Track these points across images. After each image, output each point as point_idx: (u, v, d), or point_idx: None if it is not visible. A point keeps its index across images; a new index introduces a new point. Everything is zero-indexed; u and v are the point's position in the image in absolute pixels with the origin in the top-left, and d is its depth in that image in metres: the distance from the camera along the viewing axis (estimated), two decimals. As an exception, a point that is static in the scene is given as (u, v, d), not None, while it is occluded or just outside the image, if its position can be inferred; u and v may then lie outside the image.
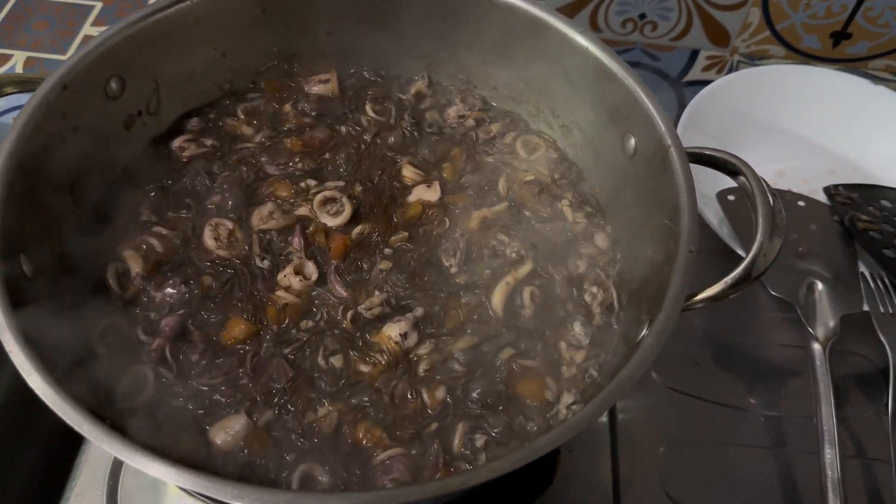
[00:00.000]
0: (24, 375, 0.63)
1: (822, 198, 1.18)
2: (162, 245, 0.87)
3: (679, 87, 1.51)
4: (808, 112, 1.29)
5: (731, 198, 1.11)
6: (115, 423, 0.67)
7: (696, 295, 0.75)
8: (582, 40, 0.90)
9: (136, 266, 0.85)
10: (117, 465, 0.92)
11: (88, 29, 1.37)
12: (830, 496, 0.86)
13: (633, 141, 0.89)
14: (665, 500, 0.94)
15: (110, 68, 0.88)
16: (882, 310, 1.01)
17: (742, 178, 0.81)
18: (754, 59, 1.44)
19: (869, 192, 1.15)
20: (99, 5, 1.41)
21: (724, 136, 1.19)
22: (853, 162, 1.26)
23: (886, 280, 1.04)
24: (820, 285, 1.03)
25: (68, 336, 0.78)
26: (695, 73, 1.49)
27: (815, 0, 1.33)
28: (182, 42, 0.95)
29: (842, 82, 1.29)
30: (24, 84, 0.84)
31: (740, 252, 1.07)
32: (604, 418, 1.01)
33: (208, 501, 0.88)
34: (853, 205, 1.13)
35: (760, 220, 0.77)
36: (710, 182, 1.15)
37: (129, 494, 0.91)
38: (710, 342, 1.10)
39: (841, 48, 1.41)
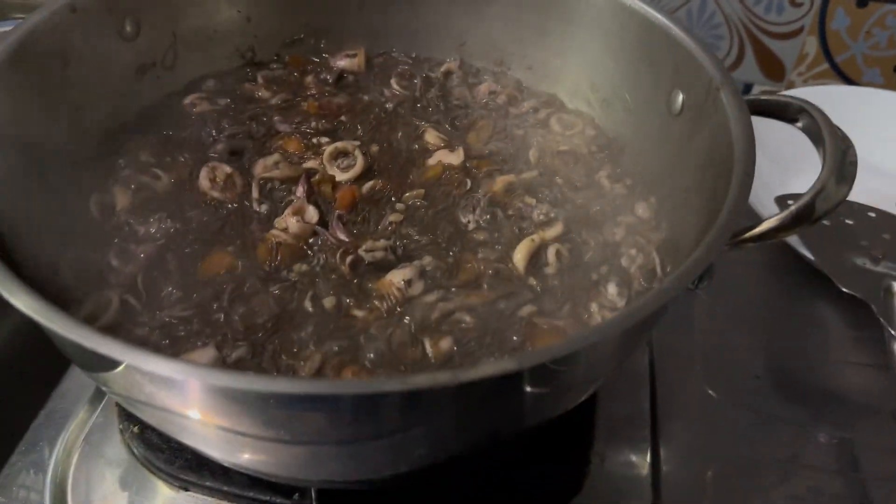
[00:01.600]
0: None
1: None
2: (155, 185, 0.80)
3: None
4: (873, 136, 1.18)
5: (791, 203, 0.99)
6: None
7: (752, 228, 0.63)
8: (623, -4, 0.84)
9: (122, 200, 0.78)
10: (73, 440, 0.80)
11: None
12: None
13: (680, 98, 0.80)
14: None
15: (127, 6, 0.85)
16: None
17: (806, 122, 0.70)
18: (812, 92, 1.36)
19: (947, 209, 1.03)
20: None
21: (783, 157, 1.09)
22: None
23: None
24: (900, 287, 0.89)
25: (39, 262, 0.70)
26: (748, 111, 1.41)
27: (877, 28, 1.26)
28: (205, -3, 0.91)
29: (901, 101, 1.20)
30: (30, 10, 0.80)
31: (807, 255, 0.95)
32: (646, 440, 0.86)
33: (167, 477, 0.75)
34: (929, 218, 1.00)
35: (828, 156, 0.66)
36: (767, 191, 1.04)
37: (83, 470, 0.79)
38: (771, 359, 0.95)
39: (906, 81, 1.32)
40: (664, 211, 0.81)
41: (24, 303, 0.51)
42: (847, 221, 0.99)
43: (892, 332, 0.82)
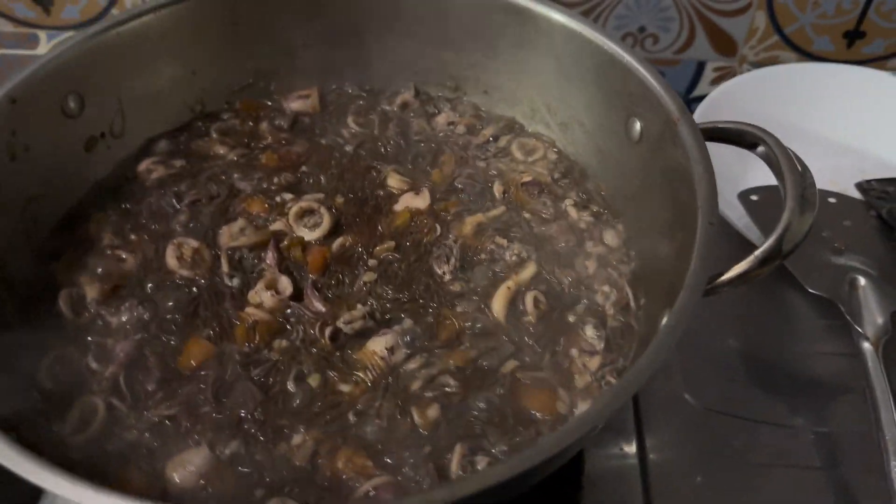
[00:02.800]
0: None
1: (854, 195, 1.08)
2: (121, 268, 0.79)
3: (688, 104, 1.43)
4: (829, 111, 1.20)
5: (753, 198, 1.01)
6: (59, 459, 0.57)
7: (721, 275, 0.65)
8: (570, 23, 0.84)
9: (91, 291, 0.77)
10: None
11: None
12: (903, 515, 0.72)
13: (637, 125, 0.80)
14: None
15: (67, 84, 0.82)
16: (938, 305, 0.89)
17: (763, 149, 0.71)
18: (764, 67, 1.36)
19: (906, 185, 1.05)
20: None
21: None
22: (882, 159, 1.16)
23: (938, 273, 0.92)
24: (863, 281, 0.91)
25: (14, 371, 0.69)
26: (703, 88, 1.41)
27: (824, -2, 1.26)
28: (147, 58, 0.89)
29: (861, 79, 1.21)
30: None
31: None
32: (632, 451, 0.88)
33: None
34: (890, 198, 1.02)
35: (789, 190, 0.67)
36: (729, 185, 1.06)
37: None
38: (747, 358, 0.97)
39: (856, 49, 1.33)
40: (634, 236, 0.83)
41: None
42: (809, 212, 1.01)
43: (859, 330, 0.85)
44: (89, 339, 0.73)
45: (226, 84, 0.97)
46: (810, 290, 0.91)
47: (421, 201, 0.86)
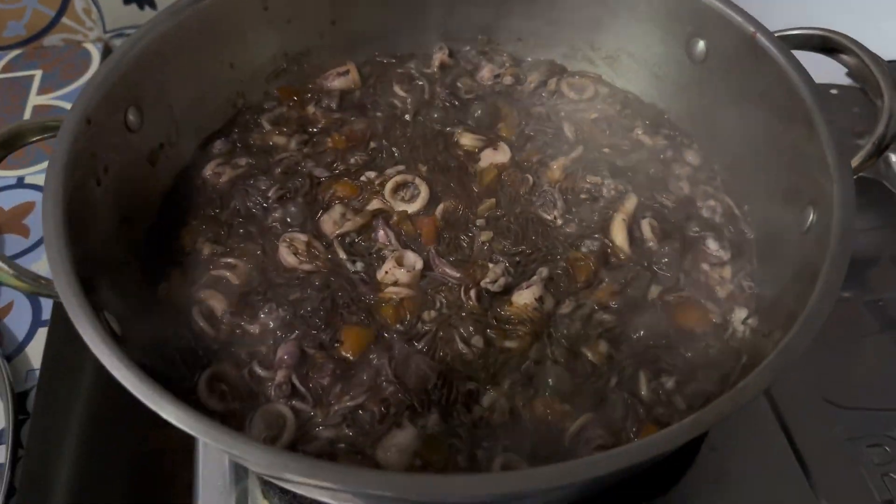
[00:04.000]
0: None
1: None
2: (236, 276, 0.76)
3: None
4: None
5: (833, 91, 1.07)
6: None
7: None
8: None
9: (219, 304, 0.74)
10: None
11: (36, 99, 1.23)
12: None
13: (701, 44, 0.84)
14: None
15: (126, 96, 0.77)
16: None
17: (847, 57, 0.76)
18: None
19: None
20: (38, 73, 1.27)
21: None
22: None
23: None
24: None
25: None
26: None
27: None
28: (189, 58, 0.84)
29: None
30: (44, 130, 0.71)
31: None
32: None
33: None
34: None
35: (882, 83, 0.72)
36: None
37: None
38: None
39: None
40: (713, 153, 0.87)
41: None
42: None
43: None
44: (238, 350, 0.71)
45: (261, 71, 0.94)
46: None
47: (502, 155, 0.87)
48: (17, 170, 1.08)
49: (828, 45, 0.76)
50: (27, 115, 1.21)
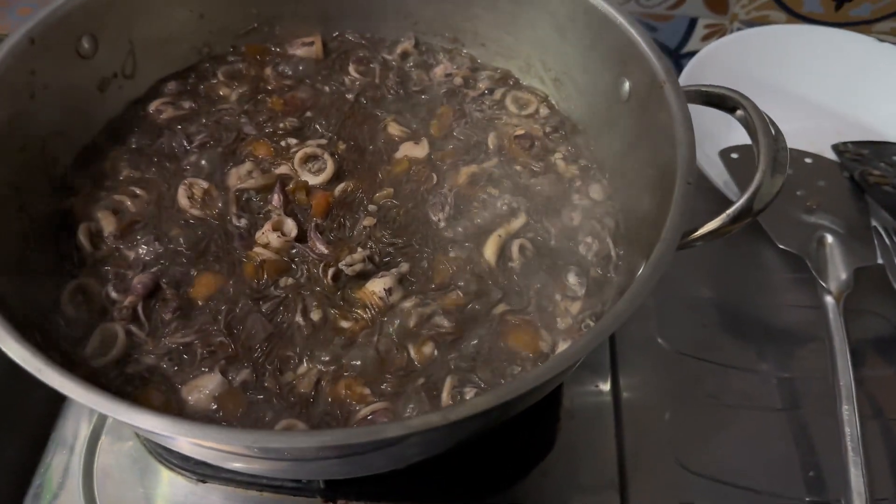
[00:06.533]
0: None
1: (831, 156, 1.13)
2: (135, 205, 0.84)
3: (678, 59, 1.47)
4: (812, 73, 1.24)
5: (734, 156, 1.06)
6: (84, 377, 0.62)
7: (695, 230, 0.70)
8: (568, -18, 0.87)
9: (108, 225, 0.81)
10: (93, 441, 0.88)
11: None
12: (850, 453, 0.80)
13: (627, 85, 0.84)
14: (675, 467, 0.89)
15: (82, 25, 0.85)
16: (898, 263, 0.96)
17: (741, 113, 0.76)
18: (755, 25, 1.40)
19: (880, 149, 1.10)
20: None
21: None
22: (860, 122, 1.21)
23: (902, 234, 0.99)
24: (830, 238, 0.97)
25: (38, 299, 0.75)
26: (693, 44, 1.45)
27: (815, -41, 1.29)
28: (158, 2, 0.91)
29: (845, 42, 1.25)
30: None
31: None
32: (606, 389, 0.96)
33: (183, 471, 0.83)
34: (863, 160, 1.08)
35: (762, 154, 0.72)
36: (712, 142, 1.11)
37: (108, 474, 0.86)
38: (719, 305, 1.05)
39: (844, 11, 1.36)
40: (618, 191, 0.88)
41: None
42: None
43: (823, 285, 0.92)
44: (108, 270, 0.79)
45: (232, 28, 1.00)
46: (780, 246, 0.97)
47: (420, 150, 0.91)
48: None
49: (726, 102, 0.76)
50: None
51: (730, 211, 0.70)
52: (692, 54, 1.43)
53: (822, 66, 1.24)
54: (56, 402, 0.91)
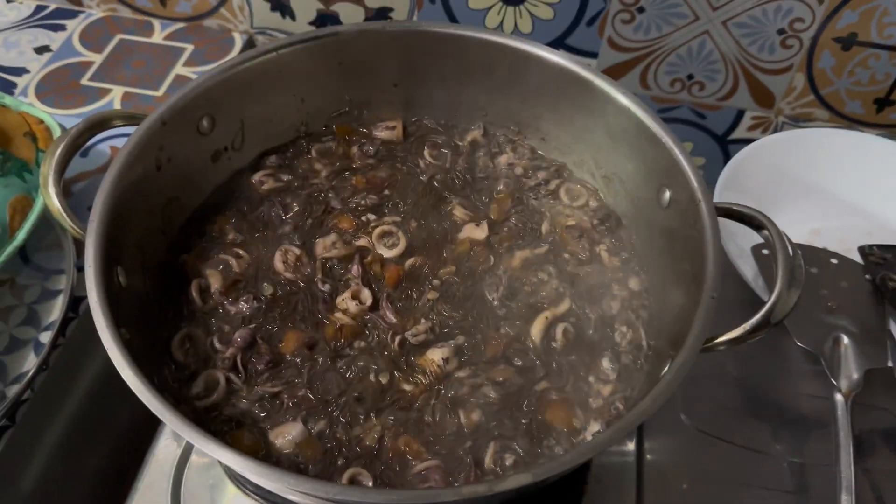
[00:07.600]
0: (119, 370, 0.73)
1: (857, 257, 1.23)
2: (238, 265, 0.98)
3: (725, 145, 1.58)
4: (848, 174, 1.34)
5: (765, 251, 1.17)
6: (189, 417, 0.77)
7: (717, 337, 0.81)
8: (624, 100, 0.99)
9: (216, 282, 0.96)
10: (182, 463, 1.02)
11: (180, 69, 1.52)
12: (845, 541, 0.89)
13: (668, 194, 0.96)
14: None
15: (203, 108, 1.01)
16: (909, 366, 1.05)
17: (766, 232, 0.87)
18: (799, 121, 1.50)
19: (902, 254, 1.19)
20: (190, 48, 1.56)
21: (764, 194, 1.26)
22: (891, 224, 1.31)
23: (916, 339, 1.08)
24: (846, 339, 1.07)
25: (153, 341, 0.89)
26: (740, 132, 1.55)
27: (859, 68, 1.39)
28: (266, 88, 1.07)
29: (882, 146, 1.34)
30: (129, 119, 0.96)
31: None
32: (631, 450, 1.06)
33: (261, 501, 0.97)
34: (886, 265, 1.17)
35: (780, 271, 0.83)
36: (748, 237, 1.21)
37: (192, 490, 1.01)
38: (742, 389, 1.15)
39: (884, 114, 1.46)
40: (653, 286, 0.99)
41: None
42: (812, 270, 1.16)
43: (834, 383, 1.02)
44: (212, 322, 0.93)
45: (326, 110, 1.15)
46: (798, 344, 1.07)
47: (480, 232, 1.04)
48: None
49: (752, 221, 0.87)
50: (169, 80, 1.50)
51: (748, 324, 0.81)
52: (738, 141, 1.55)
53: (858, 169, 1.34)
54: (152, 423, 1.06)
